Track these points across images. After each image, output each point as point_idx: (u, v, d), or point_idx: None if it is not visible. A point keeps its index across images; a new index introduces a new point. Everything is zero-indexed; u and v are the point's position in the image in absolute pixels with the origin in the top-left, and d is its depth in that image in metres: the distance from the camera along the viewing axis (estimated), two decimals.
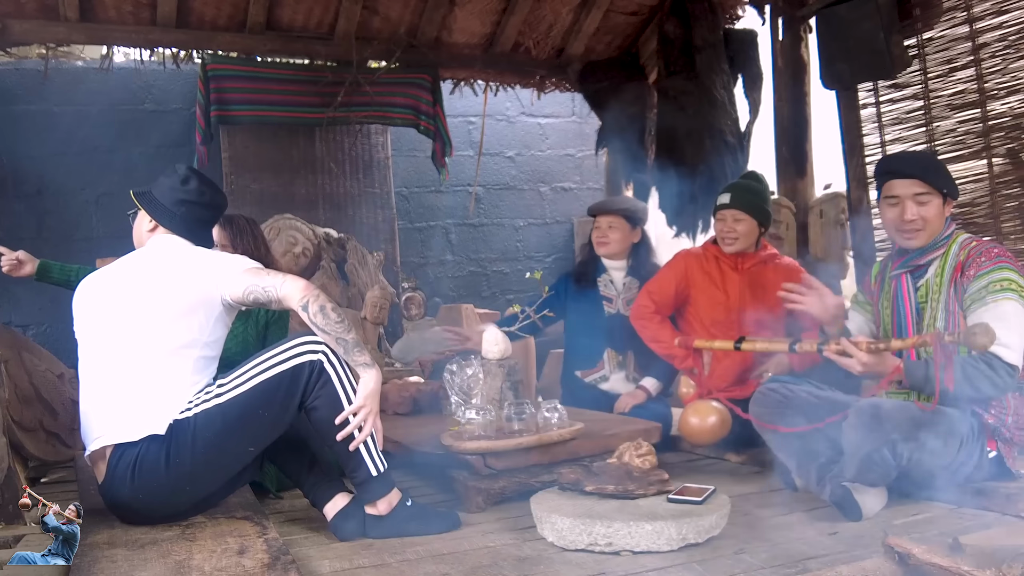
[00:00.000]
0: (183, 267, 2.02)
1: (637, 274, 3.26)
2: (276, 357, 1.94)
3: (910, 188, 2.22)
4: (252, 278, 1.97)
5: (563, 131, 5.78)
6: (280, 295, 1.93)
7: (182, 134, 4.70)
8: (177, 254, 2.06)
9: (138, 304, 1.96)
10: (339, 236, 4.48)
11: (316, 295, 1.93)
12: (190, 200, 2.10)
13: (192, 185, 2.11)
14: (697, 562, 1.76)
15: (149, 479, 1.87)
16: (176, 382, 1.94)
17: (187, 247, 2.08)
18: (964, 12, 3.20)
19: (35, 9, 3.72)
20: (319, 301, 1.93)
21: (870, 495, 2.07)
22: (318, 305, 1.92)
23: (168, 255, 2.06)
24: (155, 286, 1.98)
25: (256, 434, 1.95)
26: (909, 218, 2.21)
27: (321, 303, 1.93)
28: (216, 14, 3.98)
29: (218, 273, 1.99)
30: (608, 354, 3.21)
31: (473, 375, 2.56)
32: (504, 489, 2.28)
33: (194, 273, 2.00)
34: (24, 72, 4.54)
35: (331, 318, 1.93)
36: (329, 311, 1.93)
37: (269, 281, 1.95)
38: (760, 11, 4.16)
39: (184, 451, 1.88)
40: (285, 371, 1.92)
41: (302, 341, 1.96)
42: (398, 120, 4.50)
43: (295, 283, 1.94)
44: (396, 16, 4.23)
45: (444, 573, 1.75)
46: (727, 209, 2.92)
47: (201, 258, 2.05)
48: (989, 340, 1.86)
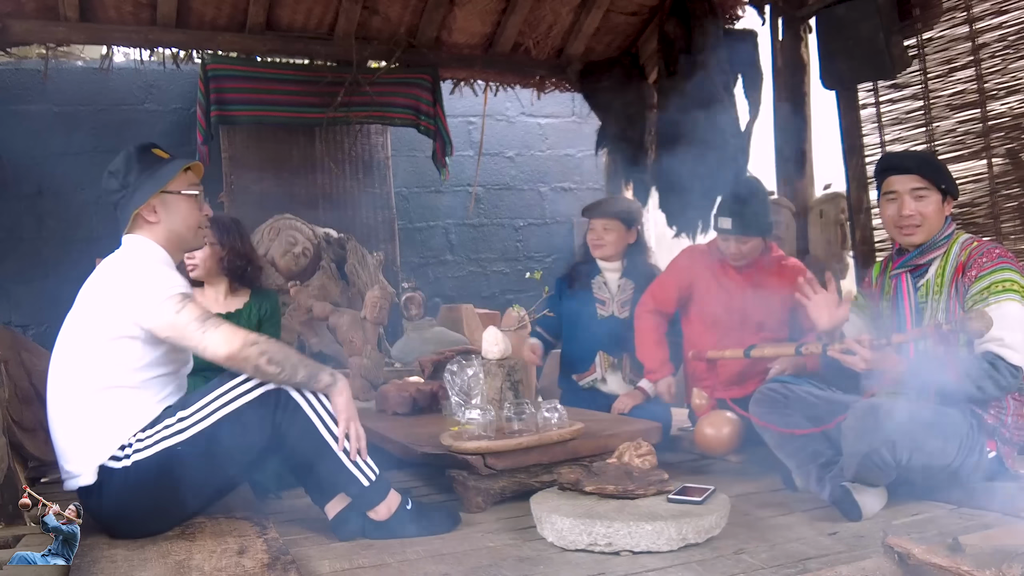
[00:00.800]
0: (108, 293, 1.88)
1: (632, 276, 3.25)
2: (239, 387, 1.85)
3: (908, 183, 2.22)
4: (171, 316, 1.80)
5: (563, 131, 5.78)
6: (202, 347, 1.79)
7: (182, 134, 4.71)
8: (112, 272, 1.92)
9: (70, 333, 1.89)
10: (339, 236, 4.48)
11: (246, 355, 1.77)
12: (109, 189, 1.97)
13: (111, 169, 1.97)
14: (697, 562, 1.76)
15: (114, 513, 1.85)
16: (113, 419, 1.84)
17: (126, 261, 1.93)
18: (964, 12, 3.20)
19: (35, 9, 3.72)
20: (252, 358, 1.78)
21: (870, 495, 2.07)
22: (251, 365, 1.79)
23: (107, 273, 1.93)
24: (84, 314, 1.89)
25: (225, 470, 1.89)
26: (907, 213, 2.22)
27: (255, 361, 1.78)
28: (216, 14, 3.99)
29: (138, 303, 1.83)
30: (600, 357, 3.20)
31: (473, 375, 2.56)
32: (504, 489, 2.28)
33: (115, 302, 1.85)
34: (24, 72, 4.54)
35: (269, 371, 1.80)
36: (264, 365, 1.79)
37: (189, 330, 1.79)
38: (760, 11, 4.17)
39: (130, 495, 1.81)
40: (251, 401, 1.84)
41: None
42: (398, 120, 4.50)
43: (220, 338, 1.78)
44: (396, 16, 4.23)
45: (444, 573, 1.75)
46: (730, 234, 2.87)
47: (126, 282, 1.88)
48: (985, 325, 1.86)
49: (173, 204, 1.99)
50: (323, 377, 1.89)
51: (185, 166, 2.01)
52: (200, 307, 1.85)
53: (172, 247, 2.01)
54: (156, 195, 1.95)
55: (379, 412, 3.06)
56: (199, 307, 1.85)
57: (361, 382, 3.36)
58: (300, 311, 3.96)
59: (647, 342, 3.03)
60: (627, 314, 3.19)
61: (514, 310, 3.87)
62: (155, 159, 1.98)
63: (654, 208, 4.42)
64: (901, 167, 2.26)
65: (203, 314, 1.82)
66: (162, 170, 1.96)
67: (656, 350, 3.01)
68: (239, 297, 2.81)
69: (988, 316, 1.86)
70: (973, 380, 2.02)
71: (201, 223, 2.06)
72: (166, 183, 1.96)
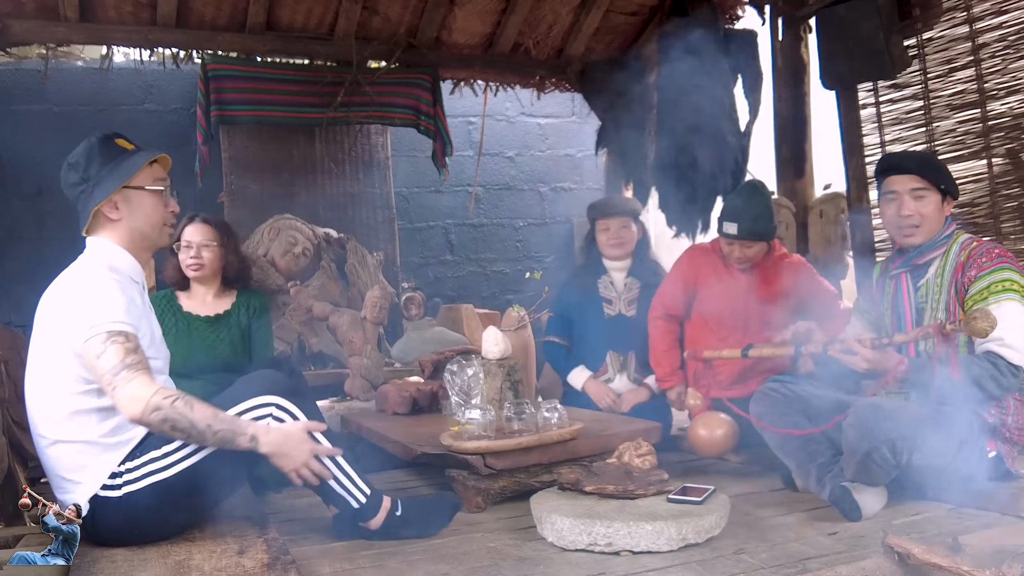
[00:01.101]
0: (55, 315, 1.77)
1: (638, 273, 3.26)
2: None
3: (907, 183, 2.23)
4: (92, 358, 1.69)
5: (563, 131, 5.78)
6: (111, 396, 1.69)
7: (183, 134, 4.71)
8: (61, 290, 1.81)
9: (34, 358, 1.82)
10: (339, 236, 4.48)
11: (148, 420, 1.67)
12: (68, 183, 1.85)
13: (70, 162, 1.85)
14: (697, 562, 1.76)
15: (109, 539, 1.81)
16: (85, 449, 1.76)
17: (75, 278, 1.81)
18: (964, 12, 3.20)
19: (35, 9, 3.72)
20: (155, 425, 1.67)
21: (870, 495, 2.07)
22: (156, 430, 1.69)
23: (58, 290, 1.82)
24: (40, 337, 1.80)
25: (219, 494, 1.86)
26: (906, 213, 2.22)
27: (158, 428, 1.68)
28: (216, 14, 3.98)
29: (71, 333, 1.73)
30: (611, 356, 3.20)
31: (473, 375, 2.56)
32: (504, 489, 2.28)
33: (59, 326, 1.76)
34: (24, 72, 4.54)
35: (175, 436, 1.70)
36: (168, 432, 1.69)
37: (104, 380, 1.68)
38: (760, 11, 4.16)
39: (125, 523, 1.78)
40: None
41: (252, 405, 1.81)
42: (398, 120, 4.50)
43: (126, 397, 1.66)
44: (396, 16, 4.22)
45: (444, 573, 1.75)
46: (735, 239, 2.87)
47: (67, 305, 1.76)
48: (990, 325, 1.85)
49: (137, 200, 1.87)
50: (241, 441, 1.74)
51: (150, 159, 1.88)
52: (123, 351, 1.69)
53: (136, 247, 1.90)
54: (119, 190, 1.83)
55: (379, 412, 3.06)
56: (122, 351, 1.69)
57: (361, 382, 3.36)
58: (300, 311, 3.96)
59: (657, 350, 3.07)
60: (634, 312, 3.19)
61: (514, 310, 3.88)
62: (118, 151, 1.85)
63: (654, 208, 4.42)
64: (901, 167, 2.27)
65: (119, 364, 1.68)
66: (125, 163, 1.83)
67: (666, 358, 3.05)
68: (227, 298, 2.83)
69: (992, 316, 1.86)
70: (974, 380, 2.02)
71: (167, 220, 1.94)
72: (129, 177, 1.83)
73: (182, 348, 2.61)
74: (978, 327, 1.87)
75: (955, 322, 1.94)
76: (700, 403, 2.84)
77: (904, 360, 2.08)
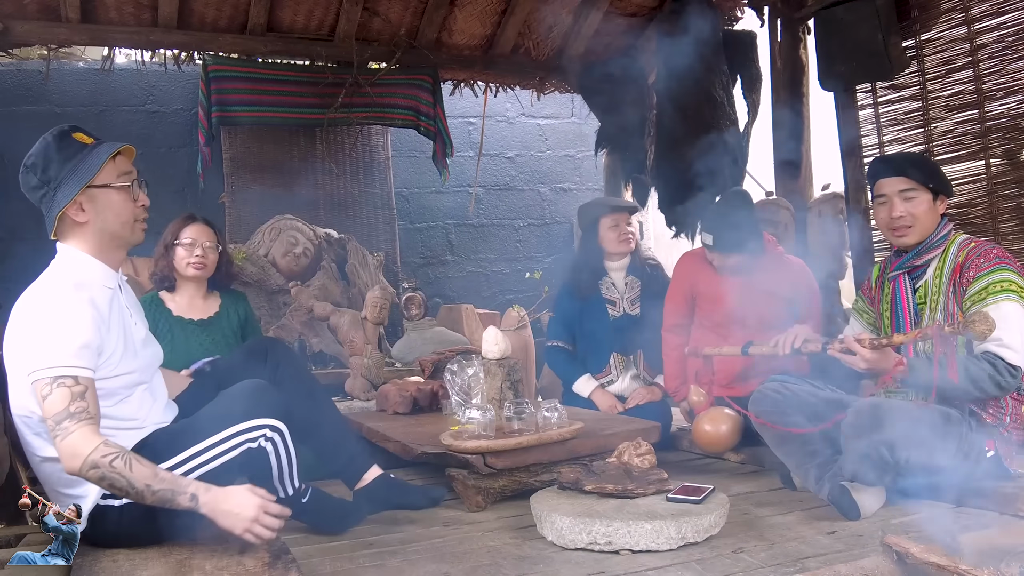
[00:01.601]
0: (18, 338, 1.69)
1: (637, 272, 3.27)
2: (220, 446, 1.74)
3: (896, 185, 2.24)
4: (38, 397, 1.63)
5: (562, 132, 5.79)
6: (54, 443, 1.62)
7: (183, 135, 4.72)
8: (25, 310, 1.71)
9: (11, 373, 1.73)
10: (339, 236, 4.49)
11: (87, 476, 1.61)
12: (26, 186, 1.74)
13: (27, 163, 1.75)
14: (696, 561, 1.76)
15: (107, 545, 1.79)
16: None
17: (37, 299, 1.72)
18: (962, 13, 3.21)
19: (36, 10, 3.73)
20: (93, 480, 1.61)
21: (868, 494, 2.08)
22: (96, 476, 1.61)
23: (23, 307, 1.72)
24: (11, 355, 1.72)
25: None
26: (896, 215, 2.23)
27: (96, 484, 1.62)
28: (217, 15, 3.99)
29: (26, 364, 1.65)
30: (614, 357, 3.20)
31: (473, 375, 2.57)
32: (504, 488, 2.29)
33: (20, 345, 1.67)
34: (25, 73, 4.55)
35: (120, 488, 1.61)
36: (106, 488, 1.62)
37: (48, 423, 1.62)
38: (759, 12, 4.17)
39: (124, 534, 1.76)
40: (232, 460, 1.75)
41: (240, 430, 1.75)
42: (398, 121, 4.51)
43: (67, 450, 1.59)
44: (396, 17, 4.24)
45: (444, 572, 1.76)
46: (711, 250, 2.92)
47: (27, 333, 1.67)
48: (988, 328, 1.86)
49: (103, 199, 1.74)
50: (181, 500, 1.65)
51: (113, 152, 1.75)
52: (69, 396, 1.61)
53: (106, 249, 1.80)
54: (82, 191, 1.71)
55: (379, 412, 3.07)
56: (68, 396, 1.61)
57: (362, 382, 3.37)
58: (301, 311, 3.96)
59: (668, 362, 3.11)
60: (638, 310, 3.20)
61: (514, 310, 3.87)
62: (77, 147, 1.73)
63: (653, 208, 4.43)
64: (887, 170, 2.28)
65: (63, 411, 1.60)
66: (87, 161, 1.71)
67: (676, 370, 3.08)
68: (213, 300, 2.81)
69: (991, 319, 1.86)
70: (973, 380, 2.03)
71: (138, 216, 1.81)
72: (92, 176, 1.71)
73: (178, 355, 2.55)
74: (977, 329, 1.87)
75: (954, 324, 1.94)
76: (703, 399, 2.85)
77: (903, 361, 2.08)
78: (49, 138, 1.75)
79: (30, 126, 4.45)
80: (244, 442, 1.76)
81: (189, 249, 2.70)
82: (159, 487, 1.64)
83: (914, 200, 2.22)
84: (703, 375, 3.00)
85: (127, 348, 1.80)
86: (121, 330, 1.80)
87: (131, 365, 1.80)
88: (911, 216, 2.22)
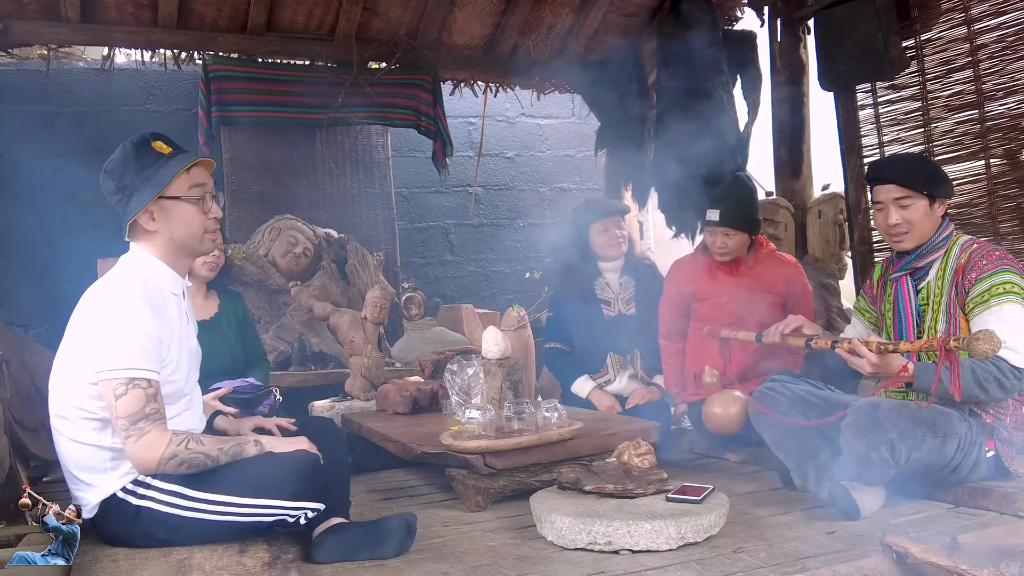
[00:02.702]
0: (85, 333, 1.74)
1: (632, 272, 3.27)
2: (261, 509, 1.77)
3: (891, 193, 2.23)
4: (109, 397, 1.68)
5: (562, 132, 5.79)
6: (123, 447, 1.70)
7: (184, 135, 4.69)
8: (92, 306, 1.75)
9: (63, 360, 1.78)
10: (339, 236, 4.49)
11: (165, 469, 1.70)
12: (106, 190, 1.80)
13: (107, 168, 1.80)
14: (696, 561, 1.76)
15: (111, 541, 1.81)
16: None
17: (107, 297, 1.75)
18: (962, 13, 3.21)
19: (36, 10, 3.73)
20: (171, 470, 1.71)
21: (868, 494, 2.08)
22: (175, 464, 1.71)
23: (90, 303, 1.77)
24: (70, 346, 1.77)
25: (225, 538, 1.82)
26: (892, 222, 2.23)
27: (175, 472, 1.71)
28: (217, 15, 3.99)
29: (94, 363, 1.70)
30: (611, 357, 3.21)
31: (473, 375, 2.57)
32: (504, 488, 2.29)
33: (86, 347, 1.72)
34: (25, 73, 4.55)
35: (198, 464, 1.73)
36: (186, 471, 1.72)
37: (119, 424, 1.68)
38: (759, 12, 4.17)
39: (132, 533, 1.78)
40: (262, 522, 1.79)
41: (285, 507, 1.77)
42: (398, 121, 4.51)
43: (142, 450, 1.68)
44: (396, 17, 4.23)
45: (444, 572, 1.76)
46: (717, 226, 2.92)
47: (96, 331, 1.71)
48: (992, 348, 1.84)
49: (173, 211, 1.80)
50: (248, 450, 1.80)
51: (187, 165, 1.80)
52: (144, 398, 1.68)
53: (175, 256, 1.86)
54: (154, 201, 1.77)
55: (379, 412, 3.07)
56: (143, 398, 1.68)
57: (361, 382, 3.37)
58: (301, 311, 3.96)
59: (667, 369, 3.15)
60: (634, 310, 3.21)
61: (514, 310, 3.88)
62: (154, 157, 1.79)
63: (654, 208, 4.43)
64: (881, 177, 2.27)
65: (139, 413, 1.68)
66: (159, 173, 1.77)
67: (676, 377, 3.11)
68: (212, 300, 2.80)
69: (996, 338, 1.82)
70: (978, 383, 2.03)
71: (208, 227, 1.86)
72: (163, 188, 1.76)
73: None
74: (980, 348, 1.84)
75: (959, 339, 1.92)
76: (716, 381, 2.80)
77: (909, 366, 2.07)
78: (129, 146, 1.80)
79: (30, 126, 4.48)
80: (282, 515, 1.79)
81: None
82: (228, 446, 1.79)
83: (910, 207, 2.21)
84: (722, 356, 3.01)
85: (181, 353, 1.85)
86: (181, 337, 1.86)
87: (184, 370, 1.87)
88: (907, 223, 2.22)
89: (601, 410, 3.05)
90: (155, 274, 1.83)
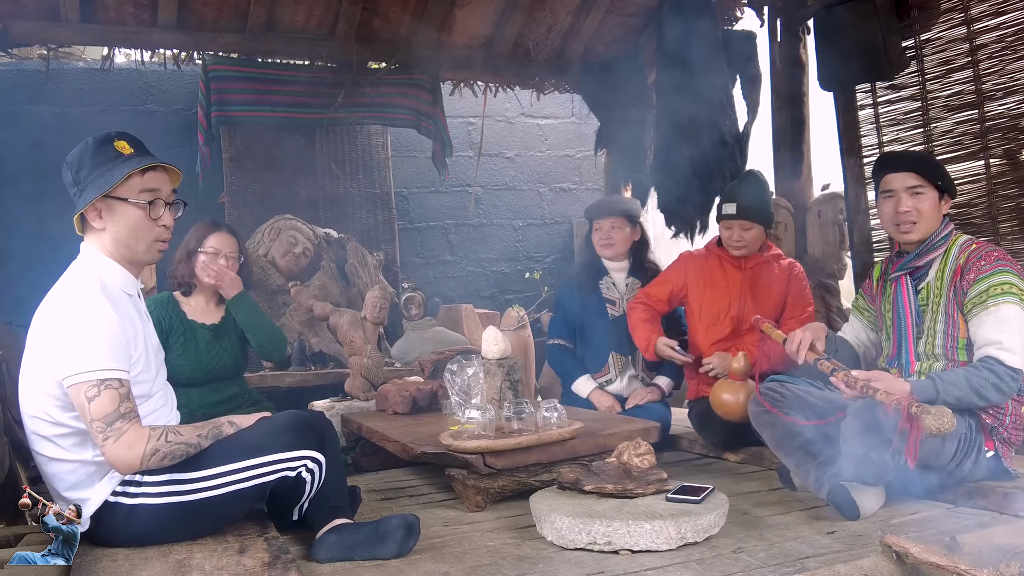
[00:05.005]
0: (47, 336, 1.71)
1: (638, 274, 3.27)
2: (261, 468, 1.79)
3: (905, 181, 2.24)
4: (81, 400, 1.65)
5: (562, 132, 5.79)
6: (102, 451, 1.67)
7: (184, 135, 4.71)
8: (54, 308, 1.74)
9: (28, 368, 1.76)
10: (339, 236, 4.49)
11: (148, 465, 1.69)
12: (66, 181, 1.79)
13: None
14: (696, 561, 1.76)
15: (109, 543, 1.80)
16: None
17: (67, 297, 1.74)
18: (962, 13, 3.21)
19: (36, 10, 3.72)
20: (154, 465, 1.70)
21: (868, 494, 2.08)
22: (157, 459, 1.70)
23: (51, 305, 1.75)
24: (33, 351, 1.75)
25: (229, 522, 1.89)
26: (903, 210, 2.23)
27: (157, 466, 1.70)
28: (217, 15, 3.99)
29: (61, 367, 1.67)
30: (613, 357, 3.20)
31: (473, 375, 2.57)
32: (504, 488, 2.29)
33: (50, 350, 1.70)
34: (25, 73, 4.55)
35: (181, 454, 1.73)
36: (177, 451, 1.72)
37: (93, 427, 1.66)
38: (758, 12, 4.17)
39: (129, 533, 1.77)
40: (266, 483, 1.81)
41: (283, 458, 1.80)
42: (398, 121, 4.51)
43: (121, 450, 1.66)
44: (396, 17, 4.23)
45: (444, 572, 1.76)
46: (734, 220, 2.91)
47: (59, 334, 1.68)
48: (938, 427, 1.83)
49: (120, 211, 1.79)
50: (225, 429, 1.83)
51: (140, 168, 1.78)
52: (117, 398, 1.66)
53: (121, 258, 1.84)
54: (100, 198, 1.76)
55: (379, 412, 3.07)
56: (116, 398, 1.66)
57: (361, 382, 3.37)
58: (300, 311, 3.97)
59: (635, 323, 3.03)
60: None
61: (514, 310, 3.87)
62: (112, 155, 1.78)
63: (653, 208, 4.43)
64: (897, 165, 2.28)
65: (114, 413, 1.65)
66: (112, 172, 1.76)
67: (644, 327, 2.99)
68: (221, 305, 2.80)
69: (950, 418, 1.83)
70: (976, 390, 2.03)
71: (158, 236, 1.84)
72: (110, 187, 1.75)
73: (190, 359, 2.56)
74: (930, 424, 1.83)
75: (920, 406, 1.90)
76: (743, 367, 2.69)
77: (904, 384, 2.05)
78: (91, 141, 1.81)
79: (30, 126, 4.48)
80: (283, 469, 1.81)
81: (213, 258, 2.66)
82: (206, 431, 1.80)
83: (921, 196, 2.23)
84: (693, 377, 3.02)
85: (147, 351, 1.85)
86: (144, 335, 1.85)
87: (151, 370, 1.87)
88: (917, 212, 2.23)
89: (601, 410, 3.05)
90: (108, 273, 1.82)
